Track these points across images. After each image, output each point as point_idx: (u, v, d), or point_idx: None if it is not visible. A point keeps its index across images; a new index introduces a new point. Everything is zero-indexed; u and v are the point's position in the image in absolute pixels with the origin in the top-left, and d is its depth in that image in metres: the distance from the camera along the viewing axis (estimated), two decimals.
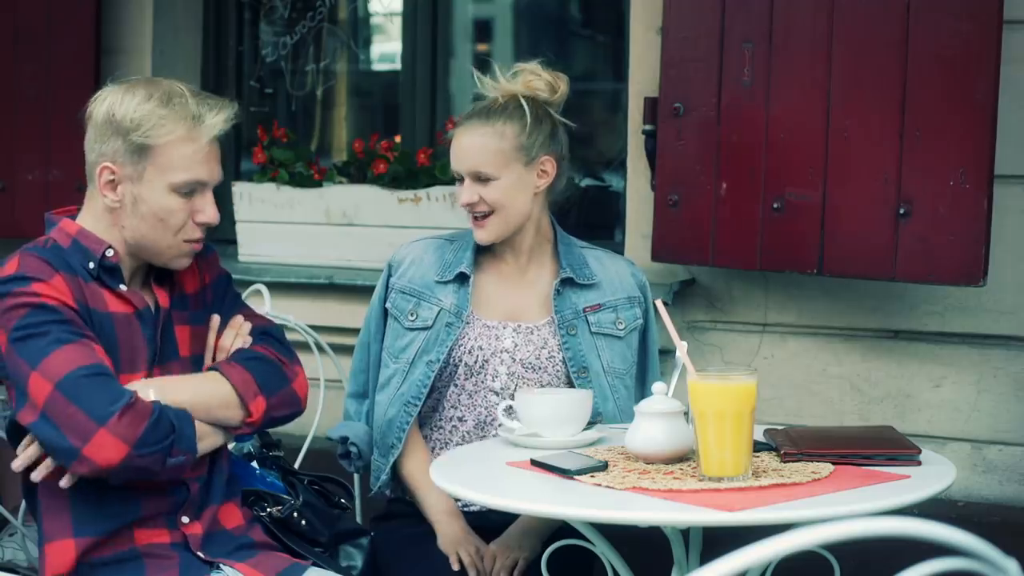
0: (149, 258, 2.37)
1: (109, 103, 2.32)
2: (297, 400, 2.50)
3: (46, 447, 2.27)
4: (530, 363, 2.76)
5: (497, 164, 2.72)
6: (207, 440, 2.37)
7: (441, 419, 2.82)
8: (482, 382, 2.77)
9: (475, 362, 2.76)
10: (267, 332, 2.53)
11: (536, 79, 2.79)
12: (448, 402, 2.80)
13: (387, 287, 2.85)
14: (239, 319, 2.51)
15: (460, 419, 2.79)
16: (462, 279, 2.78)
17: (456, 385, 2.79)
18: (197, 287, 2.48)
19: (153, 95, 2.31)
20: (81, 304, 2.27)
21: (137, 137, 2.28)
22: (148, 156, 2.29)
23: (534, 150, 2.73)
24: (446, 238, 2.88)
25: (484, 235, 2.76)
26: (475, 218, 2.76)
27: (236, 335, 2.48)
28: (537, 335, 2.78)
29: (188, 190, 2.32)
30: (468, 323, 2.77)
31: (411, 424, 2.77)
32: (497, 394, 2.76)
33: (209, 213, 2.35)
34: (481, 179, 2.73)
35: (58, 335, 2.22)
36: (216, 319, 2.48)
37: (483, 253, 2.84)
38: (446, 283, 2.79)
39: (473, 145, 2.74)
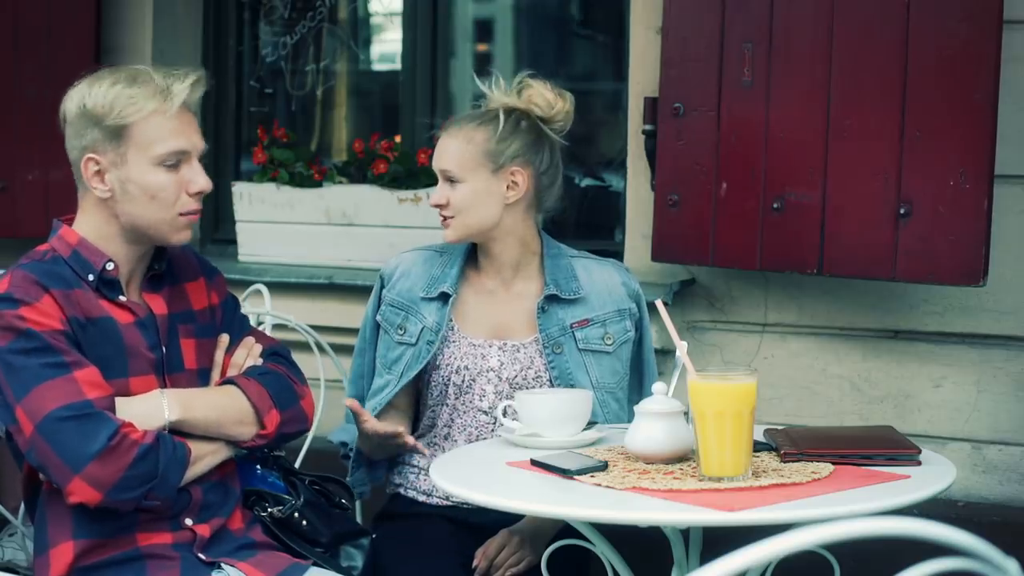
0: (151, 239, 2.37)
1: (78, 98, 2.33)
2: (305, 418, 2.52)
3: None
4: (517, 382, 2.75)
5: (462, 166, 2.74)
6: (213, 456, 2.39)
7: (436, 436, 2.83)
8: (470, 401, 2.77)
9: (462, 381, 2.76)
10: (277, 352, 2.56)
11: (536, 94, 2.80)
12: (441, 420, 2.81)
13: (379, 299, 2.87)
14: (250, 339, 2.54)
15: (453, 439, 2.80)
16: (444, 298, 2.79)
17: (447, 404, 2.79)
18: (205, 305, 2.49)
19: (119, 79, 2.33)
20: (75, 320, 2.26)
21: (111, 120, 2.29)
22: (126, 136, 2.30)
23: (502, 158, 2.74)
24: (437, 249, 2.89)
25: (448, 234, 2.79)
26: (443, 218, 2.78)
27: (248, 354, 2.50)
28: (523, 353, 2.77)
29: (172, 162, 2.33)
30: (454, 341, 2.77)
31: None
32: (485, 413, 2.76)
33: (200, 182, 2.36)
34: (450, 180, 2.76)
35: (39, 370, 2.21)
36: (225, 337, 2.50)
37: (470, 268, 2.84)
38: (431, 300, 2.80)
39: (445, 146, 2.78)
